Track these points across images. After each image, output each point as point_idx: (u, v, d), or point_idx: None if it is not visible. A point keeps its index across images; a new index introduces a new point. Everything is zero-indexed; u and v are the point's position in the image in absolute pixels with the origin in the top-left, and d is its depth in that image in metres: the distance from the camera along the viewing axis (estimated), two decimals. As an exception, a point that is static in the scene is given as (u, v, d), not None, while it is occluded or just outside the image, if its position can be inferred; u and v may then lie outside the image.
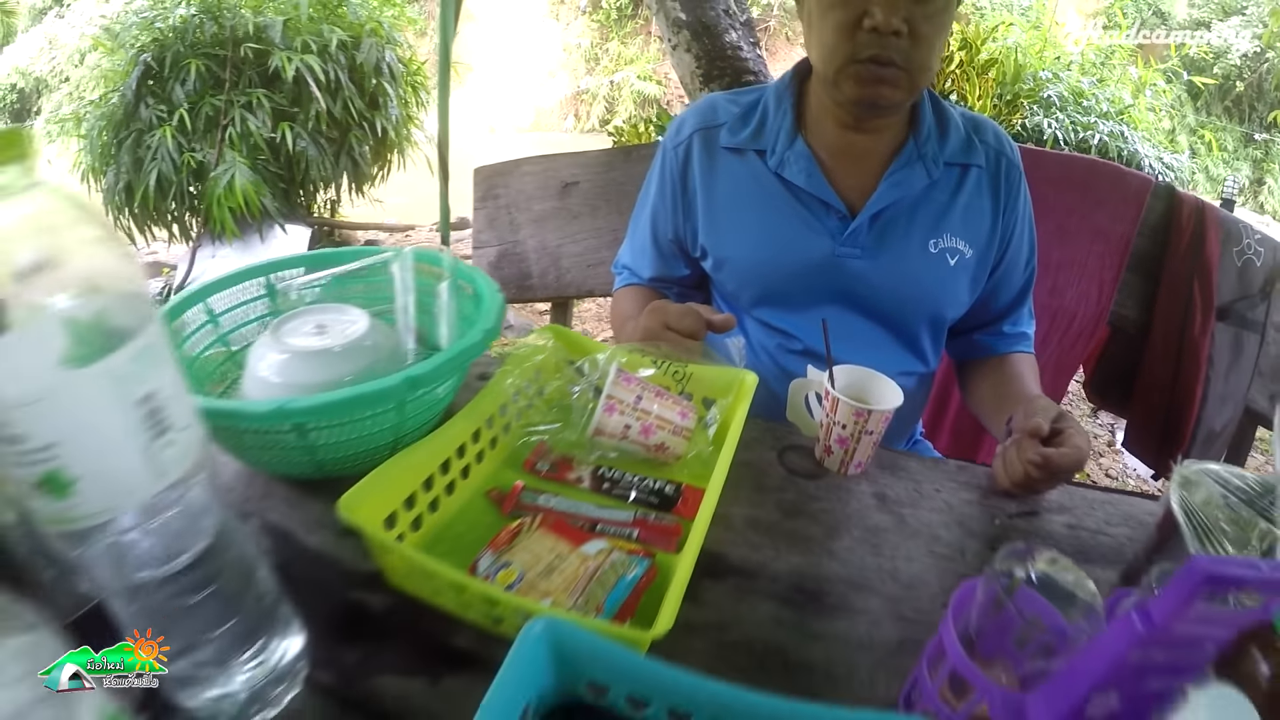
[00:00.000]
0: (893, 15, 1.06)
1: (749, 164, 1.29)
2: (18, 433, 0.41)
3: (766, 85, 1.35)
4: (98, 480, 0.45)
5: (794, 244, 1.26)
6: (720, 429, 0.97)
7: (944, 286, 1.28)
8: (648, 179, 1.43)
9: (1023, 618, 0.55)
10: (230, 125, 4.61)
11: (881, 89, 1.13)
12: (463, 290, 1.00)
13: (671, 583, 0.67)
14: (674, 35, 3.42)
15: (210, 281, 1.00)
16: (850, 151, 1.26)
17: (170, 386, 0.48)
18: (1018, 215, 1.31)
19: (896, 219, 1.25)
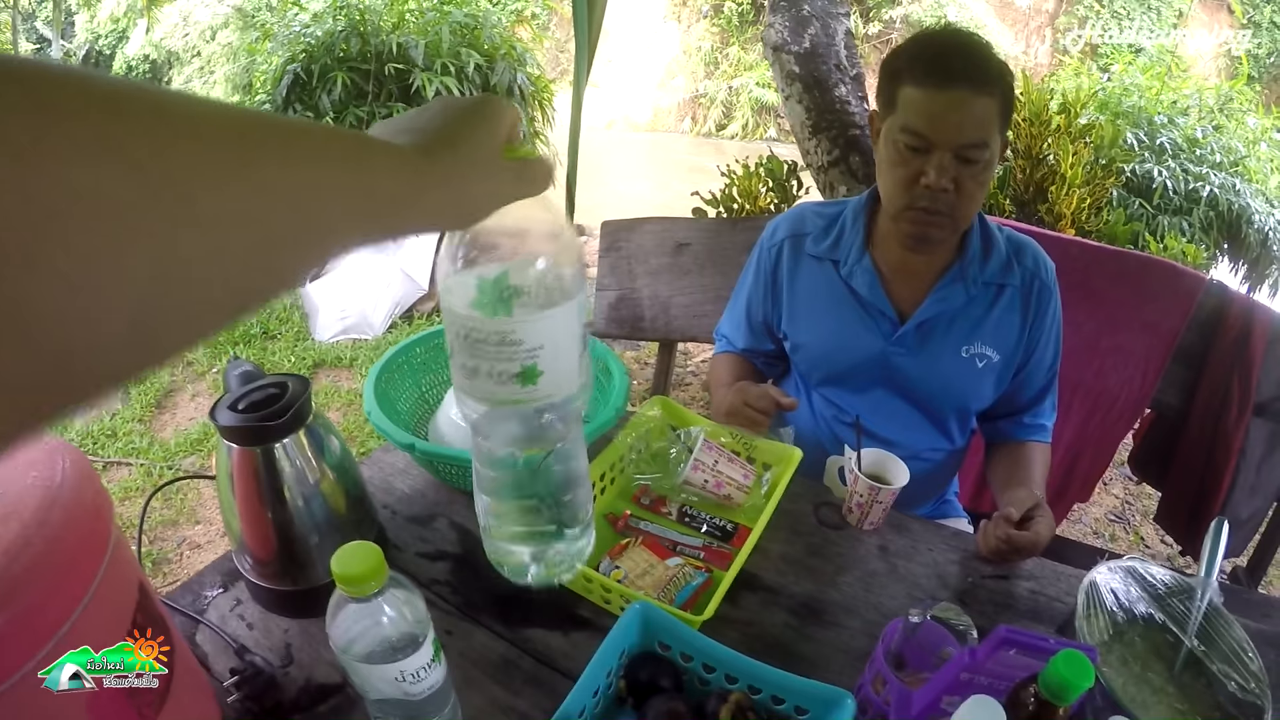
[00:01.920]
0: (943, 177, 1.30)
1: (825, 270, 1.57)
2: (519, 338, 0.66)
3: (848, 202, 1.60)
4: (553, 375, 0.68)
5: (853, 340, 1.54)
6: (771, 488, 1.31)
7: (971, 385, 1.53)
8: (747, 266, 1.71)
9: (919, 643, 0.91)
10: None
11: (930, 230, 1.38)
12: (599, 364, 1.36)
13: (717, 589, 1.06)
14: (787, 87, 3.59)
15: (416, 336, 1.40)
16: (906, 269, 1.52)
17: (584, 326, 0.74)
18: (1044, 329, 1.52)
19: (937, 327, 1.51)
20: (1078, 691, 0.72)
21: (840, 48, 3.58)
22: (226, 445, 0.99)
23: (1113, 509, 3.80)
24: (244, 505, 1.02)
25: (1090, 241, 3.18)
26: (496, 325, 0.65)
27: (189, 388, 4.14)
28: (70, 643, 0.65)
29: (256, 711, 0.97)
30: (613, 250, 2.43)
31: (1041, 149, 3.78)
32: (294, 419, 0.99)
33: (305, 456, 1.02)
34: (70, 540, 0.66)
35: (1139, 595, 1.14)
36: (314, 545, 1.05)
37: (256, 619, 1.11)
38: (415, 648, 0.79)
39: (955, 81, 1.29)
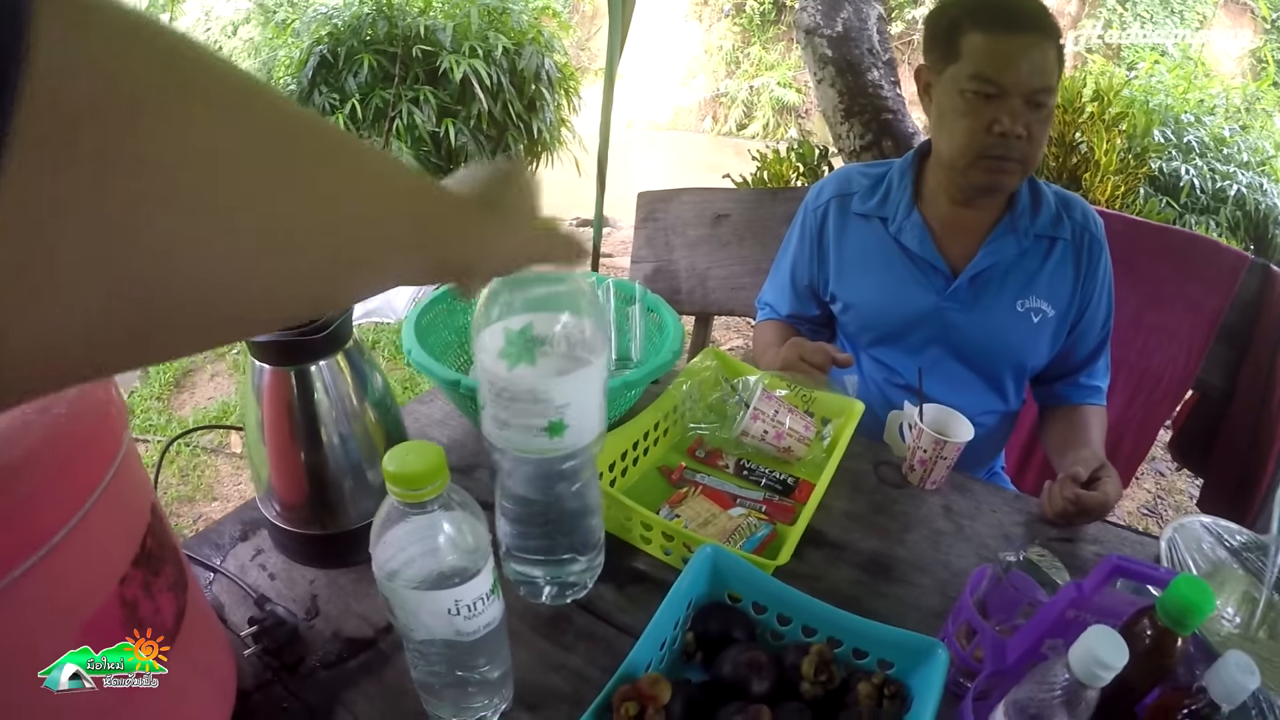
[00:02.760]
0: (1017, 123, 1.30)
1: (873, 228, 1.54)
2: (549, 397, 0.74)
3: (893, 161, 1.59)
4: (578, 428, 0.78)
5: (905, 297, 1.52)
6: (832, 442, 1.26)
7: (1027, 340, 1.50)
8: (789, 231, 1.69)
9: (1013, 587, 0.85)
10: (397, 117, 4.91)
11: (1001, 178, 1.37)
12: (649, 315, 1.32)
13: (787, 540, 0.99)
14: (819, 70, 3.57)
15: None
16: (956, 223, 1.49)
17: (606, 383, 0.81)
18: (1096, 283, 1.50)
19: (991, 281, 1.48)
20: (1201, 616, 0.67)
21: (873, 31, 3.56)
22: (257, 367, 0.92)
23: (1145, 503, 3.74)
24: (273, 435, 0.95)
25: (1134, 217, 3.15)
26: (528, 383, 0.74)
27: (208, 368, 4.13)
28: (72, 547, 0.58)
29: (276, 666, 0.90)
30: (649, 221, 2.39)
31: (1074, 136, 3.74)
32: (333, 337, 0.92)
33: (344, 384, 0.96)
34: (76, 432, 0.59)
35: (1218, 549, 1.12)
36: (347, 488, 0.99)
37: (279, 569, 1.05)
38: (472, 575, 0.70)
39: (1024, 27, 1.29)
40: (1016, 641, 0.82)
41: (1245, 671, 0.66)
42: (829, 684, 0.80)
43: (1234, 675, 0.66)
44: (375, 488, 1.01)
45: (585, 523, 0.92)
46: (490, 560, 0.71)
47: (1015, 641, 0.83)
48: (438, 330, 1.31)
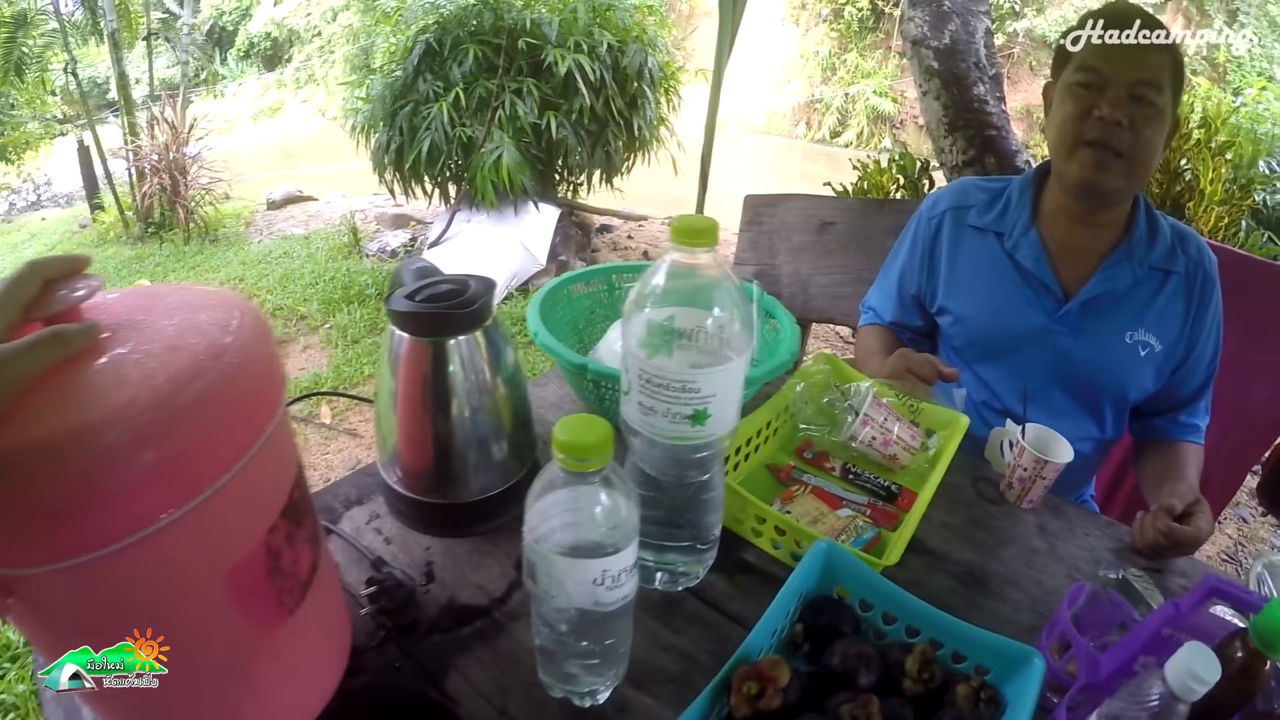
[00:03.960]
0: (1116, 109, 1.32)
1: (988, 243, 1.56)
2: (696, 386, 0.80)
3: (1012, 179, 1.60)
4: (718, 417, 0.84)
5: (1015, 315, 1.53)
6: (937, 454, 1.30)
7: (1132, 372, 1.51)
8: (901, 238, 1.71)
9: (1109, 605, 0.89)
10: (500, 108, 4.99)
11: (1102, 176, 1.37)
12: (766, 318, 1.37)
13: (893, 543, 1.05)
14: (925, 83, 3.57)
15: (578, 272, 1.42)
16: (1073, 245, 1.50)
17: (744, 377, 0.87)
18: (1206, 322, 1.50)
19: (1102, 308, 1.49)
20: None
21: (980, 45, 3.55)
22: (397, 336, 0.96)
23: (1225, 548, 3.65)
24: (406, 405, 1.00)
25: (1238, 250, 3.09)
26: (679, 373, 0.79)
27: (301, 340, 4.27)
28: (234, 491, 0.61)
29: (390, 627, 0.94)
30: (754, 225, 2.42)
31: (1179, 163, 3.68)
32: (476, 315, 0.96)
33: (480, 360, 1.00)
34: (244, 382, 0.62)
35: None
36: (472, 460, 1.04)
37: (395, 534, 1.10)
38: (621, 547, 0.74)
39: (1128, 23, 1.35)
40: (1111, 656, 0.86)
41: None
42: (930, 683, 0.83)
43: None
44: (498, 462, 1.07)
45: (708, 515, 0.97)
46: (636, 537, 0.76)
47: (1110, 656, 0.86)
48: (557, 315, 1.37)
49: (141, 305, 0.65)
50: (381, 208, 7.11)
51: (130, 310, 0.63)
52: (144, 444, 0.53)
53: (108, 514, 0.54)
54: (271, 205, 8.34)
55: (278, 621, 0.71)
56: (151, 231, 7.12)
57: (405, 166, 5.31)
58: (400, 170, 5.40)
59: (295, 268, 5.52)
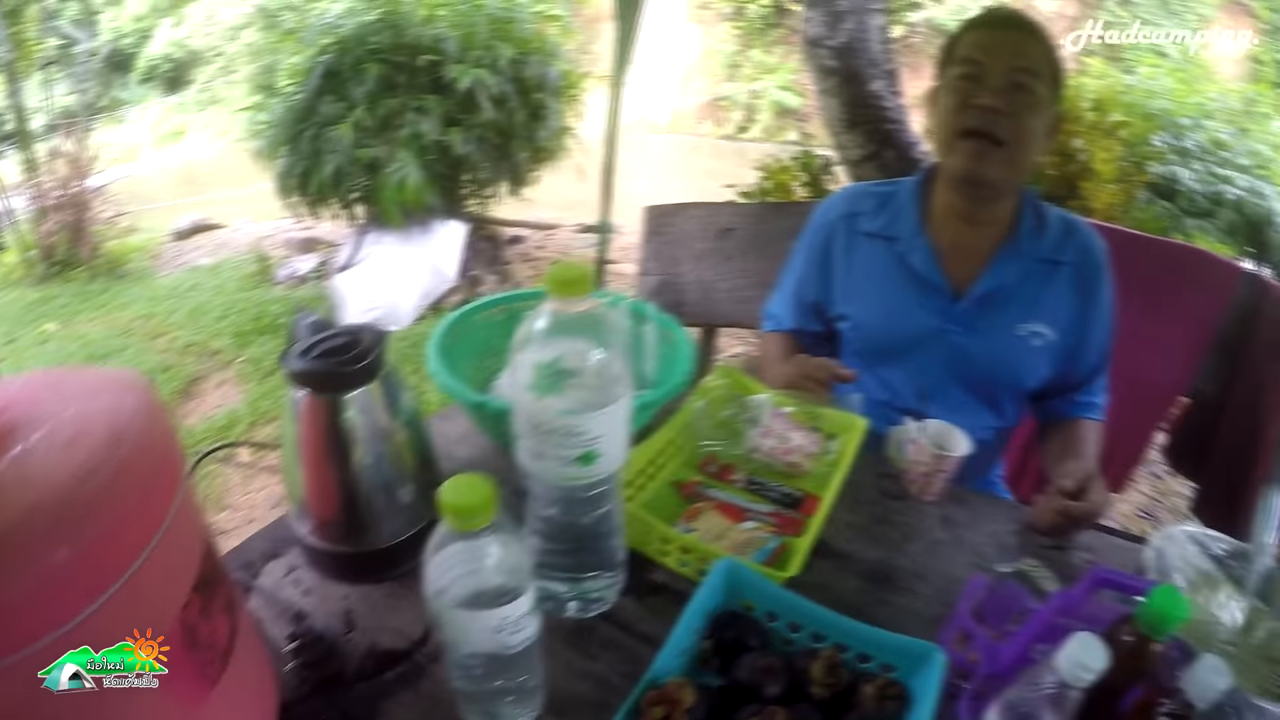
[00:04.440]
0: (996, 97, 1.36)
1: (880, 248, 1.59)
2: (583, 430, 0.82)
3: (901, 181, 1.63)
4: (607, 456, 0.86)
5: (910, 317, 1.56)
6: (838, 458, 1.32)
7: (1027, 363, 1.56)
8: (798, 246, 1.73)
9: (1006, 596, 0.92)
10: (403, 126, 4.93)
11: (984, 164, 1.39)
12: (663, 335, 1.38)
13: (796, 552, 1.07)
14: (823, 81, 3.63)
15: (478, 303, 1.41)
16: (962, 245, 1.54)
17: None
18: (1097, 307, 1.56)
19: (993, 304, 1.53)
20: (1175, 623, 0.74)
21: (875, 43, 3.61)
22: (296, 393, 0.96)
23: (1141, 505, 3.80)
24: (310, 459, 1.00)
25: (1130, 230, 3.19)
26: (563, 418, 0.81)
27: (215, 376, 4.19)
28: (143, 578, 0.60)
29: (315, 680, 0.94)
30: (656, 235, 2.43)
31: (1072, 145, 3.79)
32: (370, 367, 0.97)
33: (379, 409, 1.00)
34: (142, 471, 0.61)
35: (1201, 558, 1.17)
36: (380, 506, 1.04)
37: (314, 584, 1.08)
38: (518, 594, 0.76)
39: (1007, 25, 1.42)
40: (1009, 646, 0.89)
41: (1217, 673, 0.73)
42: (836, 686, 0.86)
43: (1207, 677, 0.73)
44: (405, 506, 1.07)
45: (610, 541, 0.99)
46: (531, 579, 0.78)
47: (1007, 646, 0.89)
48: (460, 348, 1.36)
49: (41, 395, 0.65)
50: (290, 232, 6.98)
51: (31, 401, 0.63)
52: (53, 544, 0.54)
53: (22, 617, 0.53)
54: (179, 235, 8.10)
55: (200, 695, 0.70)
56: (56, 271, 6.87)
57: (311, 190, 5.21)
58: (306, 194, 5.30)
59: (205, 300, 5.39)
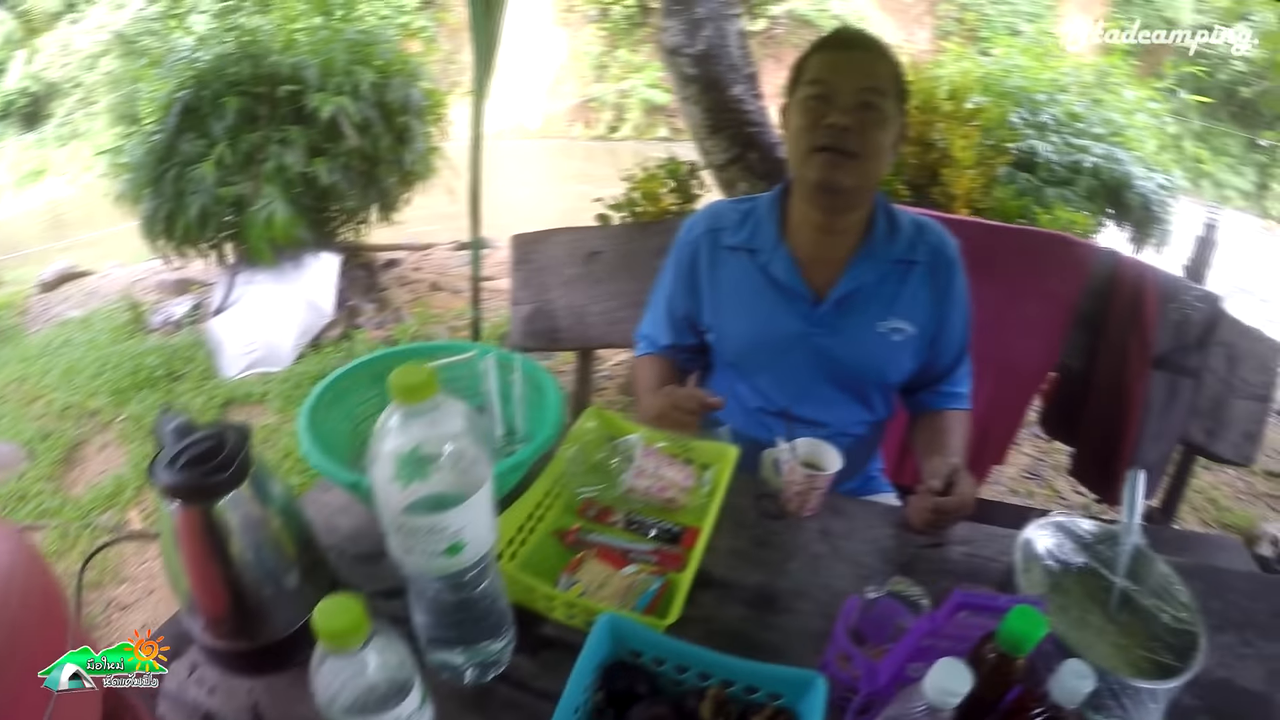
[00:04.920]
0: (845, 118, 1.42)
1: (743, 260, 1.64)
2: (445, 525, 0.83)
3: (760, 197, 1.68)
4: (474, 543, 0.87)
5: (775, 323, 1.61)
6: (712, 488, 1.34)
7: (889, 358, 1.62)
8: (665, 265, 1.77)
9: (880, 614, 0.94)
10: (267, 160, 4.79)
11: (836, 173, 1.45)
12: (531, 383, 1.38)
13: (678, 591, 1.09)
14: (684, 89, 3.64)
15: (344, 370, 1.37)
16: (820, 254, 1.60)
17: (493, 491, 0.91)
18: (952, 301, 1.63)
19: (854, 305, 1.59)
20: (1033, 642, 0.77)
21: (733, 48, 3.63)
22: (170, 505, 0.95)
23: (1027, 467, 4.01)
24: (192, 565, 0.98)
25: (988, 221, 3.32)
26: (425, 519, 0.83)
27: (96, 439, 4.01)
28: None
29: None
30: (525, 263, 2.43)
31: (931, 135, 3.89)
32: (238, 471, 0.96)
33: (252, 506, 0.99)
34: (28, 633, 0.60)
35: (1069, 546, 1.22)
36: (268, 599, 1.03)
37: (217, 682, 1.06)
38: (404, 694, 0.79)
39: (853, 47, 1.49)
40: (884, 666, 0.92)
41: (1080, 677, 0.77)
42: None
43: (1071, 682, 0.77)
44: (294, 593, 1.05)
45: (495, 607, 1.00)
46: (417, 675, 0.80)
47: (883, 666, 0.92)
48: (331, 419, 1.33)
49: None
50: (162, 274, 6.71)
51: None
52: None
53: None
54: (45, 286, 7.71)
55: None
56: (-82, 337, 6.50)
57: (177, 234, 5.00)
58: (173, 238, 5.09)
59: (78, 357, 5.15)
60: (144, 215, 5.06)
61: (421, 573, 0.90)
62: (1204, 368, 2.36)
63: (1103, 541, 1.23)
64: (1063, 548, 1.22)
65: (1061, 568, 1.21)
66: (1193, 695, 1.07)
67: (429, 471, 0.82)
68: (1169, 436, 2.39)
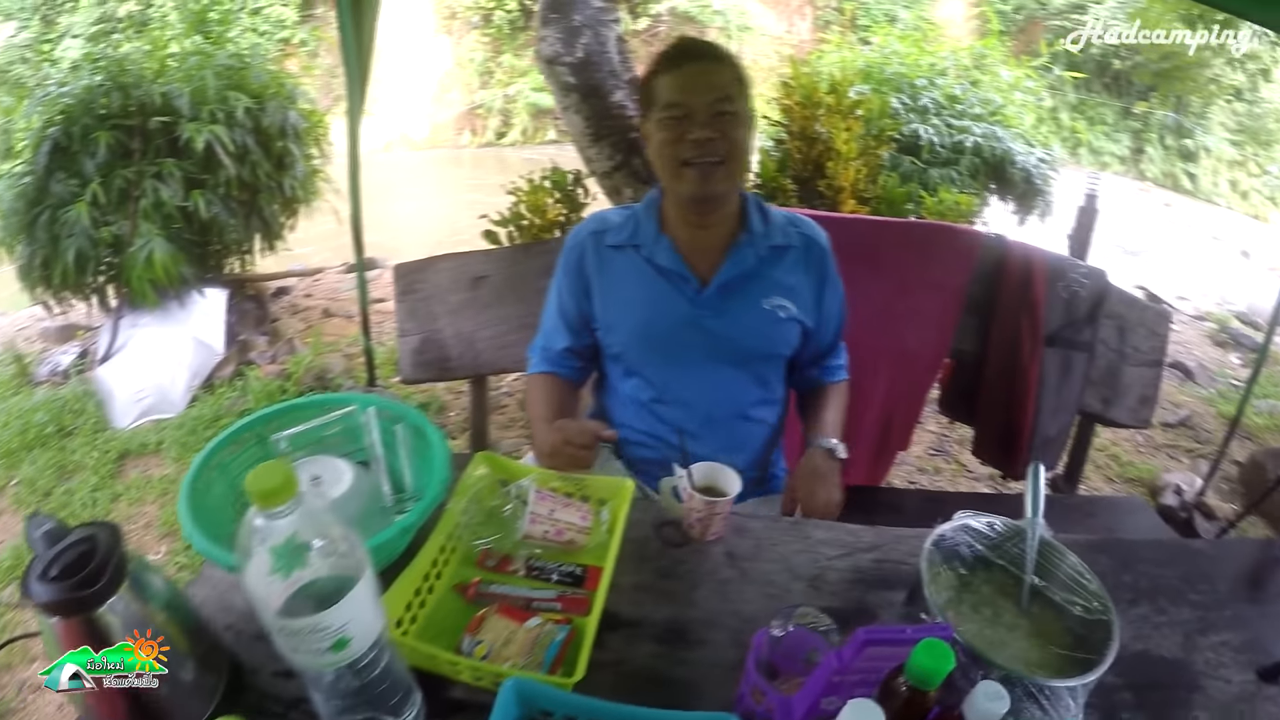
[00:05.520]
0: (706, 130, 1.51)
1: (628, 256, 1.70)
2: (326, 626, 0.80)
3: (636, 206, 1.75)
4: (359, 636, 0.84)
5: (664, 307, 1.68)
6: (610, 522, 1.32)
7: (777, 333, 1.72)
8: (555, 273, 1.80)
9: (788, 651, 0.93)
10: (143, 196, 4.58)
11: (709, 183, 1.56)
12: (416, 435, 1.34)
13: (583, 643, 1.05)
14: (564, 98, 3.63)
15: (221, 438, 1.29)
16: (699, 245, 1.69)
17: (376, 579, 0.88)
18: (828, 284, 1.76)
19: (736, 287, 1.68)
20: (941, 676, 0.76)
21: (613, 54, 3.62)
22: (48, 619, 0.91)
23: (931, 445, 4.11)
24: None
25: (874, 217, 3.38)
26: (305, 620, 0.80)
27: (-14, 503, 3.79)
28: None
29: None
30: (409, 293, 2.38)
31: (815, 129, 3.94)
32: (114, 577, 0.91)
33: (135, 608, 0.94)
34: None
35: (976, 546, 1.23)
36: (166, 696, 0.98)
37: None
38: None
39: (693, 58, 1.57)
40: (797, 703, 0.91)
41: (993, 699, 0.76)
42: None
43: (984, 705, 0.76)
44: (192, 686, 1.01)
45: (395, 686, 0.96)
46: None
47: (796, 702, 0.91)
48: (213, 492, 1.25)
49: None
50: (45, 320, 6.39)
51: None
52: None
53: None
54: (-78, 343, 7.33)
55: None
56: None
57: (55, 281, 4.73)
58: (51, 285, 4.83)
59: (-37, 417, 4.87)
60: (19, 262, 4.80)
61: (310, 668, 0.87)
62: (1096, 340, 2.45)
63: (1009, 539, 1.23)
64: (969, 549, 1.23)
65: (969, 568, 1.22)
66: (1113, 673, 1.08)
67: (306, 558, 0.79)
68: (1067, 409, 2.48)
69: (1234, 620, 1.35)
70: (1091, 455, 3.90)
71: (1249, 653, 1.28)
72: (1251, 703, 1.19)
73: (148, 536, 3.26)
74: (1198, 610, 1.36)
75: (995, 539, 1.23)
